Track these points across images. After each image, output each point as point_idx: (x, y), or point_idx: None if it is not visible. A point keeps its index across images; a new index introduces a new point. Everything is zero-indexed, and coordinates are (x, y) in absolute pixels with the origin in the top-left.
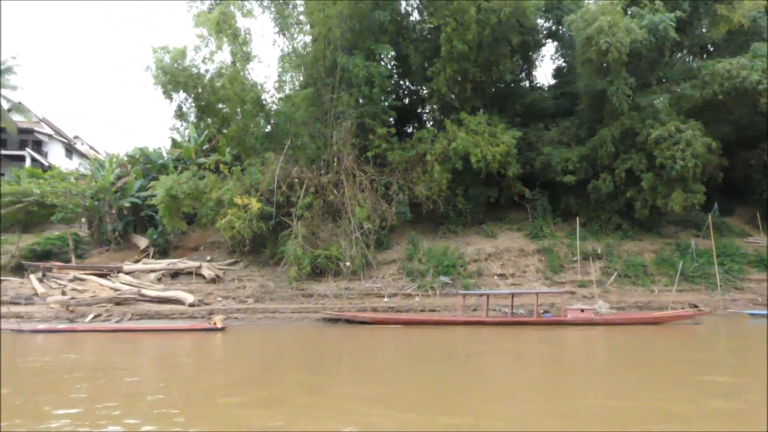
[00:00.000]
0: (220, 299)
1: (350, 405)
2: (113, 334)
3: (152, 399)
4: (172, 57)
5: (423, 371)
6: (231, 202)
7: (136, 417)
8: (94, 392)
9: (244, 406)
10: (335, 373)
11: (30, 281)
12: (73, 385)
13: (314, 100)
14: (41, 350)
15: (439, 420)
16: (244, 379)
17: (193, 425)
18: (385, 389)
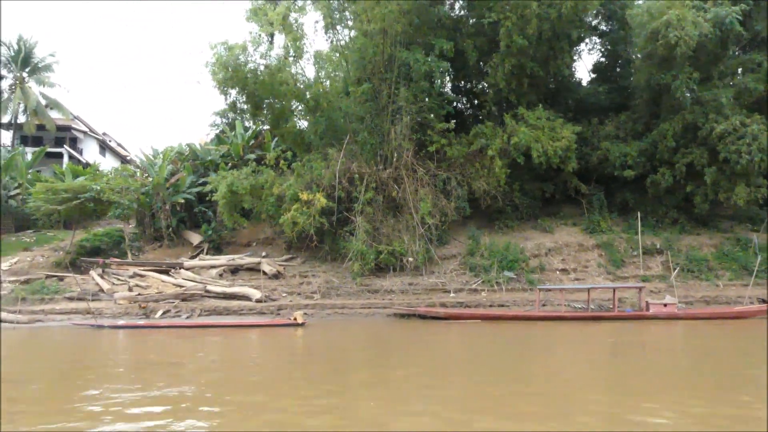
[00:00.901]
0: (285, 295)
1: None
2: (194, 329)
3: (297, 392)
4: (230, 53)
5: (530, 369)
6: (294, 197)
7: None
8: (230, 385)
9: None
10: (431, 368)
11: (92, 277)
12: (202, 378)
13: (371, 95)
14: (138, 345)
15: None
16: (345, 372)
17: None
18: (492, 387)
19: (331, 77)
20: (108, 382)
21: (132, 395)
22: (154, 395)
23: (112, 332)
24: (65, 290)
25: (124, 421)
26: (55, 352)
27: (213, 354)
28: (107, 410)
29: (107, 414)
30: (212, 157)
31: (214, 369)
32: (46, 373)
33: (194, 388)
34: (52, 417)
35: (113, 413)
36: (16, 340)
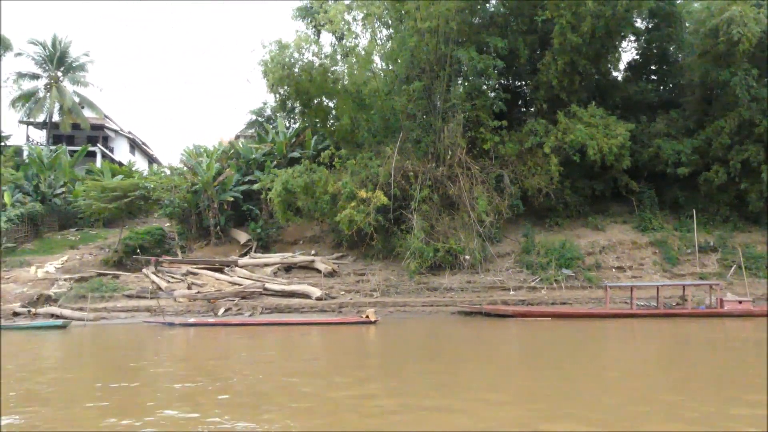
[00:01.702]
0: (343, 293)
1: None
2: (265, 327)
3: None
4: (281, 52)
5: (615, 366)
6: (350, 195)
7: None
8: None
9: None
10: (520, 367)
11: (146, 275)
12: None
13: (422, 93)
14: (222, 343)
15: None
16: (446, 371)
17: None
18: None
19: (380, 75)
20: (249, 383)
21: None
22: (303, 393)
23: (184, 329)
24: (123, 288)
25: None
26: (154, 350)
27: (303, 351)
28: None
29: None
30: (255, 156)
31: (326, 367)
32: (179, 372)
33: (324, 383)
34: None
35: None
36: (100, 337)
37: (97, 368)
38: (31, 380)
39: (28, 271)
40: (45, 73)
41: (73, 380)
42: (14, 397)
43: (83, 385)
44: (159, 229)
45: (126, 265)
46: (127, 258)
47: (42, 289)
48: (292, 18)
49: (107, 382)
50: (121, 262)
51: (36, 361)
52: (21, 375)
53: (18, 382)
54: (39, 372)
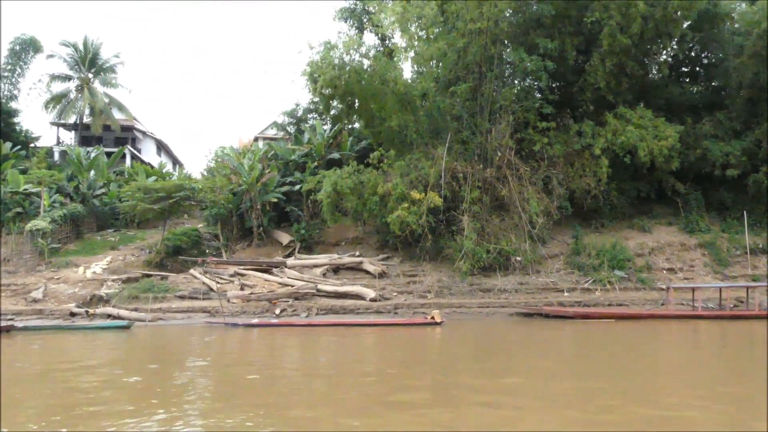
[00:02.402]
0: (396, 294)
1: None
2: (330, 328)
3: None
4: (328, 54)
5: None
6: (401, 196)
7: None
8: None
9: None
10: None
11: (193, 276)
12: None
13: (469, 94)
14: (293, 344)
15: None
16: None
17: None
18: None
19: (427, 76)
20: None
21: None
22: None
23: (247, 331)
24: (174, 289)
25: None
26: (243, 352)
27: (389, 352)
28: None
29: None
30: (294, 157)
31: (436, 368)
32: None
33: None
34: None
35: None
36: (171, 338)
37: (234, 370)
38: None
39: (76, 272)
40: (76, 74)
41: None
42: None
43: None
44: (194, 230)
45: (167, 266)
46: (167, 259)
47: (92, 290)
48: (335, 19)
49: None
50: (162, 263)
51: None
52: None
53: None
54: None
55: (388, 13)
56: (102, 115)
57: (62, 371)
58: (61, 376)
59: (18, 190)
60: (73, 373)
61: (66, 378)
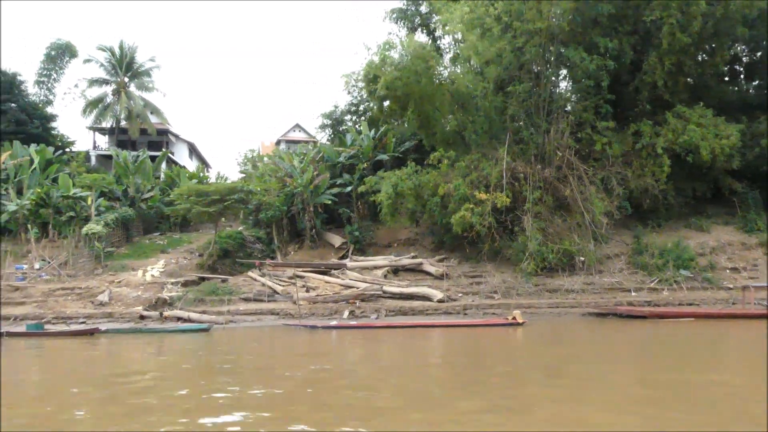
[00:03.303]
0: (461, 295)
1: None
2: (410, 329)
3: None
4: (382, 53)
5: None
6: (463, 197)
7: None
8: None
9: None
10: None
11: (252, 278)
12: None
13: (526, 94)
14: (380, 345)
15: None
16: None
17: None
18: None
19: (483, 77)
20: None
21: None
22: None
23: (326, 332)
24: (237, 291)
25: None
26: (341, 353)
27: (481, 353)
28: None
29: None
30: (341, 159)
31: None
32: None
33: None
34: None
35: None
36: (257, 340)
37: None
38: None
39: (135, 275)
40: (113, 78)
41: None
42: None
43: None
44: (239, 233)
45: (217, 269)
46: (217, 262)
47: (154, 293)
48: (387, 20)
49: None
50: (213, 266)
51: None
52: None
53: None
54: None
55: (457, 13)
56: (138, 119)
57: (206, 372)
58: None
59: (68, 194)
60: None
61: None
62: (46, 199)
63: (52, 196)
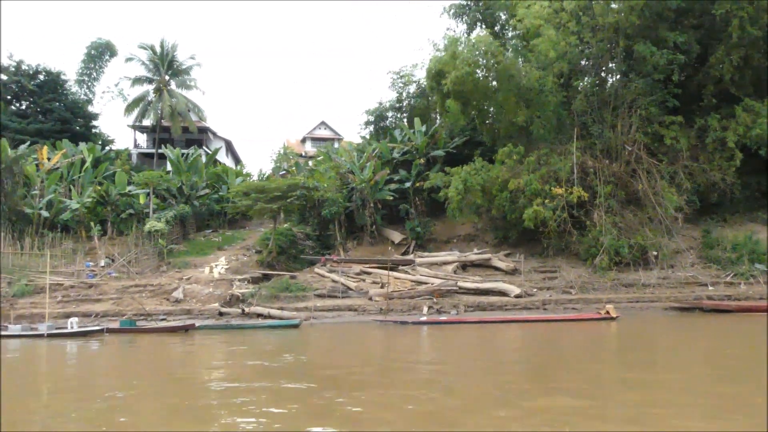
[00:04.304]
0: (536, 290)
1: None
2: (500, 324)
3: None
4: (452, 50)
5: None
6: (534, 192)
7: None
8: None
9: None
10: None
11: (320, 275)
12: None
13: (593, 89)
14: (487, 340)
15: None
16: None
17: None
18: None
19: (549, 72)
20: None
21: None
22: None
23: (416, 328)
24: (309, 288)
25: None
26: (462, 349)
27: (584, 347)
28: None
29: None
30: (396, 155)
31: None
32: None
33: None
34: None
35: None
36: (362, 338)
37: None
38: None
39: (203, 272)
40: (155, 76)
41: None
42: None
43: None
44: (289, 230)
45: (275, 266)
46: (276, 258)
47: (224, 290)
48: (448, 17)
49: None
50: (271, 263)
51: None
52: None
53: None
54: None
55: (535, 8)
56: (180, 117)
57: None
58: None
59: (124, 191)
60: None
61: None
62: (106, 197)
63: (110, 193)
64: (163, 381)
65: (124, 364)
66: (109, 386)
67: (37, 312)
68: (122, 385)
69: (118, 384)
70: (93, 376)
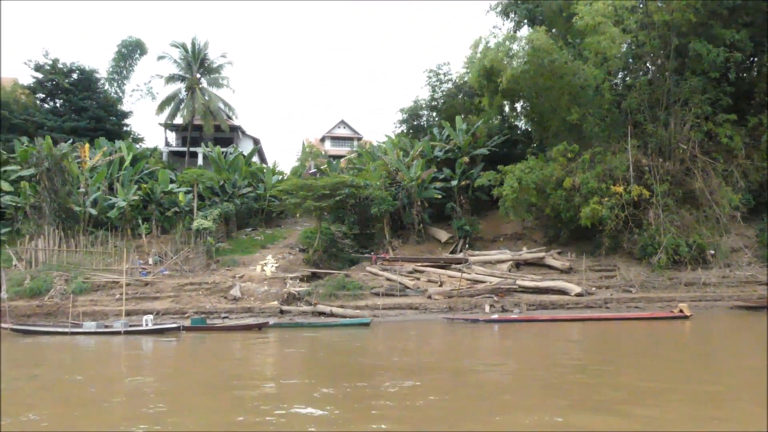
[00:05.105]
0: (594, 289)
1: None
2: (571, 322)
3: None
4: (505, 48)
5: None
6: (592, 190)
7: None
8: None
9: None
10: None
11: (377, 273)
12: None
13: (647, 87)
14: (571, 339)
15: None
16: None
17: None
18: None
19: (603, 70)
20: None
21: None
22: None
23: (488, 326)
24: (366, 286)
25: None
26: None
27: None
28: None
29: None
30: (439, 154)
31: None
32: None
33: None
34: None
35: None
36: (444, 336)
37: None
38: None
39: (254, 270)
40: (186, 74)
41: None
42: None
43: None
44: (327, 228)
45: (319, 264)
46: (320, 257)
47: (279, 288)
48: (495, 14)
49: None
50: (316, 261)
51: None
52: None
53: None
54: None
55: (597, 5)
56: (212, 115)
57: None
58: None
59: (167, 189)
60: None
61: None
62: (151, 195)
63: (155, 191)
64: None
65: (244, 359)
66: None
67: (99, 309)
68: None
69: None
70: (230, 371)
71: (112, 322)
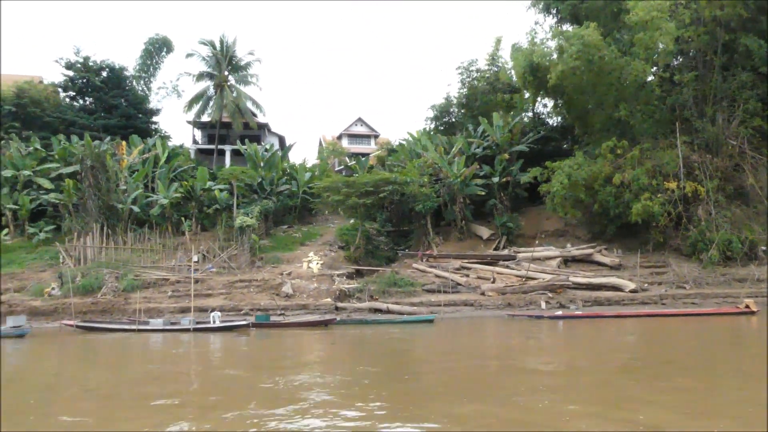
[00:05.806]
0: (647, 285)
1: None
2: (634, 318)
3: None
4: (537, 50)
5: None
6: (642, 186)
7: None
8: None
9: None
10: None
11: (425, 270)
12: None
13: (695, 83)
14: (640, 335)
15: None
16: None
17: None
18: None
19: (649, 66)
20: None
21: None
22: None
23: (552, 322)
24: (416, 283)
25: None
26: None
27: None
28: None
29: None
30: (478, 150)
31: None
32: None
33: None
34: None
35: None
36: (518, 333)
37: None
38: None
39: (301, 267)
40: (215, 72)
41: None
42: None
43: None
44: (363, 226)
45: (359, 261)
46: (361, 254)
47: (328, 285)
48: (536, 11)
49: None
50: (357, 259)
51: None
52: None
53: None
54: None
55: (652, 2)
56: (241, 113)
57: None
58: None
59: (206, 187)
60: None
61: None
62: (192, 192)
63: (195, 189)
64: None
65: (354, 354)
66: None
67: (153, 306)
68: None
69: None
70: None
71: (179, 319)
